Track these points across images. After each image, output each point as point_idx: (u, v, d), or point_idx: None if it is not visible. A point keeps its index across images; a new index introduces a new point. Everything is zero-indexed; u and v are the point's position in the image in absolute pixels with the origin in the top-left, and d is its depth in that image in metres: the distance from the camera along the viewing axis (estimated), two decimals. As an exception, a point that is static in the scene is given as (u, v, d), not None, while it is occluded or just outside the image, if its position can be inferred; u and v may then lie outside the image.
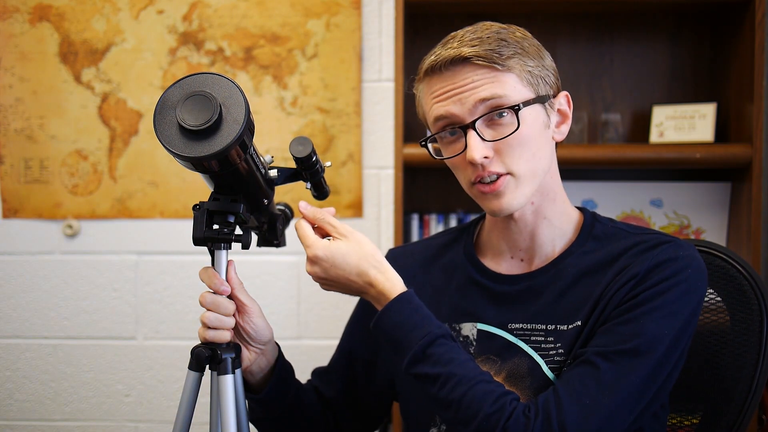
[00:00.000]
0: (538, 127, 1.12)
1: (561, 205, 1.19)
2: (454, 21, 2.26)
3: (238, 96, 0.95)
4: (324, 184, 1.21)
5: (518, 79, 1.10)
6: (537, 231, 1.18)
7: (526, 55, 1.12)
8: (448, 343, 1.07)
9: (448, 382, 1.04)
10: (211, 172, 0.98)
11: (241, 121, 0.93)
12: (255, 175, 1.05)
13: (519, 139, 1.09)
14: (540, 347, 1.13)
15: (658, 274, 1.08)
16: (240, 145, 0.95)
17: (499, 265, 1.22)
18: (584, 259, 1.15)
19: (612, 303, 1.08)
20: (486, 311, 1.19)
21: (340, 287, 1.12)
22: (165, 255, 2.31)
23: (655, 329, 1.04)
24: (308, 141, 1.12)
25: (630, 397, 1.03)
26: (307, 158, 1.12)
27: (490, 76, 1.09)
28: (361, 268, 1.09)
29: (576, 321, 1.11)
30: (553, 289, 1.15)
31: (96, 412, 2.34)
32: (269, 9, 2.26)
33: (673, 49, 2.22)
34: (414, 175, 2.21)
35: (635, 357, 1.03)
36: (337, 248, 1.09)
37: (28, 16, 2.29)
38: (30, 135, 2.30)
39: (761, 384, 1.23)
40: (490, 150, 1.09)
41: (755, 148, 1.96)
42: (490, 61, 1.09)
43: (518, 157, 1.10)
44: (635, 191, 2.19)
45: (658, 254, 1.10)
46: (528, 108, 1.10)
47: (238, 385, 1.09)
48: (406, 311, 1.08)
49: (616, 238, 1.16)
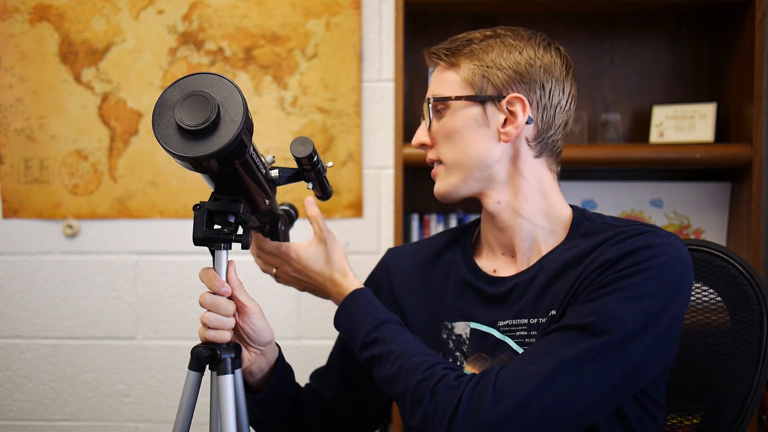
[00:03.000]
0: (466, 122, 1.17)
1: (540, 205, 1.19)
2: (454, 21, 2.27)
3: (237, 96, 0.95)
4: (327, 184, 1.23)
5: (458, 78, 1.18)
6: (515, 228, 1.20)
7: (481, 53, 1.17)
8: (393, 327, 1.15)
9: (389, 359, 1.11)
10: (210, 172, 0.98)
11: (239, 121, 0.93)
12: (255, 175, 1.05)
13: (445, 131, 1.19)
14: (524, 342, 1.13)
15: (629, 259, 1.05)
16: (239, 144, 0.95)
17: (494, 264, 1.23)
18: (566, 254, 1.15)
19: (581, 288, 1.08)
20: (478, 311, 1.20)
21: (306, 285, 1.28)
22: (165, 255, 2.31)
23: (616, 310, 1.01)
24: (309, 141, 1.12)
25: (578, 372, 0.99)
26: (308, 158, 1.13)
27: (438, 73, 1.21)
28: (325, 272, 1.25)
29: (551, 311, 1.11)
30: (535, 285, 1.15)
31: (96, 412, 2.34)
32: (269, 9, 2.26)
33: (673, 49, 2.22)
34: (414, 175, 2.22)
35: (588, 333, 1.01)
36: (310, 252, 1.25)
37: (28, 16, 2.29)
38: (30, 135, 2.30)
39: (761, 384, 1.23)
40: (428, 137, 1.22)
41: (755, 148, 1.96)
42: (438, 58, 1.20)
43: (446, 148, 1.20)
44: (635, 191, 2.19)
45: (634, 242, 1.08)
46: (460, 104, 1.17)
47: (238, 385, 1.09)
48: (357, 305, 1.20)
49: (601, 232, 1.16)
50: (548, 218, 1.20)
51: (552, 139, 1.19)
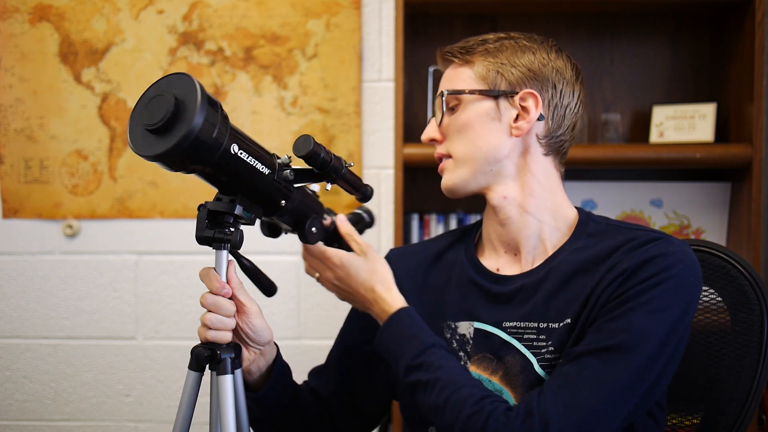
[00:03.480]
0: (479, 116, 1.18)
1: (547, 201, 1.20)
2: (454, 21, 2.27)
3: (196, 93, 0.95)
4: (357, 184, 1.20)
5: (473, 74, 1.19)
6: (521, 226, 1.20)
7: (495, 52, 1.19)
8: (440, 352, 1.12)
9: (436, 387, 1.08)
10: (194, 171, 0.99)
11: (192, 119, 0.93)
12: (251, 175, 1.05)
13: (457, 124, 1.19)
14: (532, 345, 1.13)
15: (647, 270, 1.07)
16: (201, 143, 0.94)
17: (497, 262, 1.23)
18: (576, 257, 1.16)
19: (601, 300, 1.08)
20: (483, 310, 1.20)
21: (348, 295, 1.23)
22: (165, 255, 2.31)
23: (643, 325, 1.04)
24: (309, 139, 1.10)
25: (616, 394, 1.02)
26: (310, 157, 1.11)
27: (451, 71, 1.23)
28: (368, 283, 1.19)
29: (566, 319, 1.12)
30: (545, 288, 1.16)
31: (96, 412, 2.34)
32: (269, 9, 2.26)
33: (673, 49, 2.22)
34: (414, 175, 2.21)
35: (622, 353, 1.03)
36: (354, 261, 1.20)
37: (28, 16, 2.29)
38: (30, 135, 2.30)
39: (761, 384, 1.23)
40: (437, 133, 1.22)
41: (755, 148, 1.96)
42: (452, 56, 1.22)
43: (457, 141, 1.20)
44: (635, 191, 2.19)
45: (648, 250, 1.09)
46: (471, 98, 1.18)
47: (238, 385, 1.09)
48: (403, 325, 1.16)
49: (609, 235, 1.17)
50: (554, 215, 1.21)
51: (561, 139, 1.20)
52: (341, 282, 1.21)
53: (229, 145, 0.99)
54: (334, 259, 1.20)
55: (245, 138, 1.03)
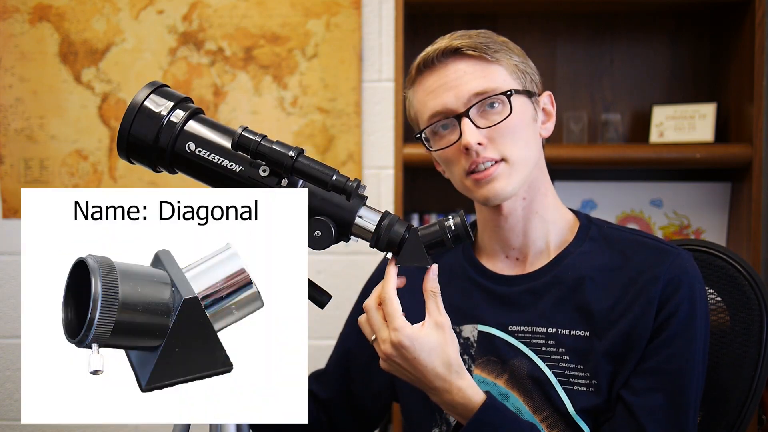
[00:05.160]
0: (527, 117, 1.15)
1: (552, 201, 1.21)
2: (454, 21, 2.27)
3: (142, 92, 1.00)
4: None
5: (507, 72, 1.14)
6: (529, 226, 1.19)
7: (512, 52, 1.16)
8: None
9: None
10: (172, 172, 1.06)
11: (130, 119, 0.98)
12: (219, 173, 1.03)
13: (511, 126, 1.11)
14: (541, 350, 1.13)
15: (675, 296, 1.11)
16: (140, 140, 1.00)
17: (495, 266, 1.22)
18: (585, 263, 1.15)
19: (637, 333, 1.10)
20: (486, 313, 1.18)
21: (410, 377, 1.03)
22: (165, 255, 2.31)
23: (684, 348, 1.10)
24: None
25: (687, 420, 1.10)
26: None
27: (481, 67, 1.12)
28: (440, 371, 1.00)
29: (580, 329, 1.12)
30: (553, 293, 1.15)
31: (96, 412, 2.34)
32: (269, 9, 2.26)
33: (673, 49, 2.22)
34: (414, 175, 2.21)
35: (676, 379, 1.10)
36: (426, 341, 0.99)
37: (28, 16, 2.29)
38: (30, 135, 2.30)
39: (761, 384, 1.23)
40: (484, 137, 1.11)
41: (755, 148, 1.96)
42: (480, 51, 1.12)
43: (511, 144, 1.12)
44: (635, 191, 2.19)
45: (667, 272, 1.12)
46: (518, 98, 1.13)
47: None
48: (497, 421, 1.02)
49: (614, 241, 1.18)
50: (559, 214, 1.21)
51: None
52: (405, 362, 1.00)
53: (183, 144, 1.01)
54: (403, 340, 0.99)
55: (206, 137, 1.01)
